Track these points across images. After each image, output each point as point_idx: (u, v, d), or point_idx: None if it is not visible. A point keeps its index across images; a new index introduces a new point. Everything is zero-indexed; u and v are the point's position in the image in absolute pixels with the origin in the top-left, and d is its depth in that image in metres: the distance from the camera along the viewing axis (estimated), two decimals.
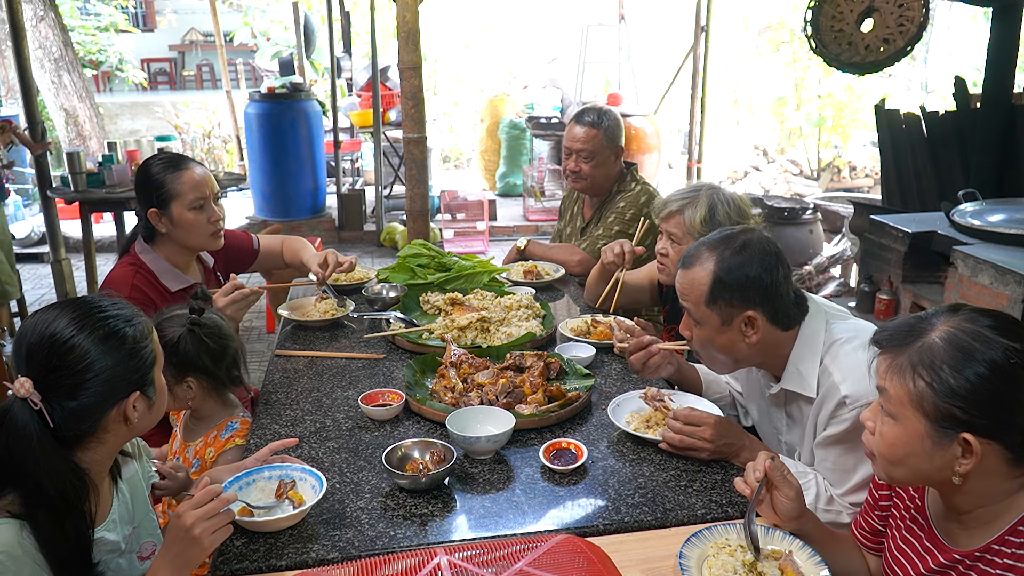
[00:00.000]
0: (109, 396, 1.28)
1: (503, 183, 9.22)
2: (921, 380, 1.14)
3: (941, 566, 1.25)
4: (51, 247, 5.20)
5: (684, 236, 2.19)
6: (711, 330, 1.70)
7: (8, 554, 1.18)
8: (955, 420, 1.12)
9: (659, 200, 2.31)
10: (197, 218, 2.22)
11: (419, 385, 2.05)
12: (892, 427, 1.19)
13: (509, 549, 1.22)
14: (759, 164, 11.00)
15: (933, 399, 1.13)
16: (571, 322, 2.46)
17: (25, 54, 4.82)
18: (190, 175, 2.21)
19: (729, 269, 1.64)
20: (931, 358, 1.14)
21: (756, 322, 1.66)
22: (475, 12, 12.75)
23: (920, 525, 1.32)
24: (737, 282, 1.64)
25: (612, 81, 10.33)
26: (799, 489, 1.38)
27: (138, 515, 1.49)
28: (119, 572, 1.41)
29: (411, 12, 4.30)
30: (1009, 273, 3.12)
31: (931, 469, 1.17)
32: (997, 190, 4.08)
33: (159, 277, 2.25)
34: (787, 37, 10.78)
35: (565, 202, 3.38)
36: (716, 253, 1.67)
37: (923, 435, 1.15)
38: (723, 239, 1.70)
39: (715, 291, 1.66)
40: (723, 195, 2.21)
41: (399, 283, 2.82)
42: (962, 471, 1.14)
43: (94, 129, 8.82)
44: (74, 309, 1.30)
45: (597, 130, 2.93)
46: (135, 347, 1.31)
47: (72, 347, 1.25)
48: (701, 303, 1.68)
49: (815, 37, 4.62)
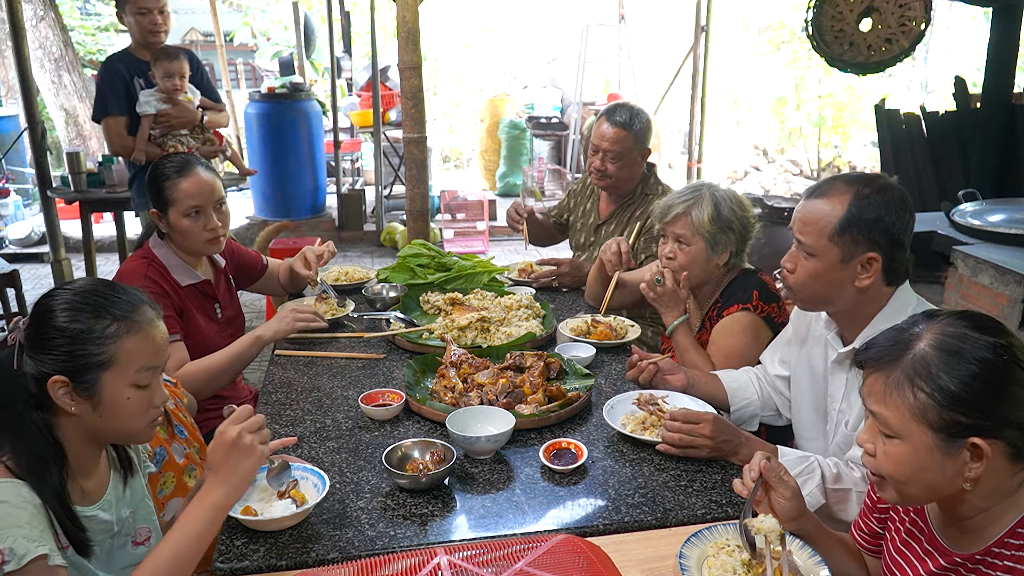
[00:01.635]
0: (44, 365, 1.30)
1: (503, 183, 9.22)
2: (922, 392, 1.13)
3: (942, 569, 1.24)
4: (51, 247, 5.19)
5: (693, 236, 2.19)
6: (826, 265, 1.68)
7: (8, 502, 1.23)
8: (961, 426, 1.11)
9: (660, 204, 2.31)
10: (191, 225, 2.22)
11: (419, 385, 2.05)
12: (897, 446, 1.17)
13: (509, 549, 1.22)
14: (759, 164, 11.00)
15: (937, 409, 1.12)
16: (571, 322, 2.46)
17: (25, 54, 4.82)
18: (189, 183, 2.21)
19: (866, 207, 1.63)
20: (926, 368, 1.13)
21: (874, 265, 1.65)
22: (475, 12, 12.74)
23: (920, 528, 1.32)
24: (869, 221, 1.63)
25: (612, 81, 10.33)
26: (796, 489, 1.38)
27: (134, 500, 1.50)
28: (110, 553, 1.42)
29: (411, 12, 4.31)
30: (1009, 273, 3.12)
31: (943, 481, 1.15)
32: (997, 190, 4.08)
33: (170, 271, 2.28)
34: (787, 37, 10.78)
35: (577, 195, 3.28)
36: (854, 188, 1.66)
37: (931, 447, 1.13)
38: (862, 177, 1.70)
39: (845, 224, 1.64)
40: (721, 191, 2.23)
41: (399, 283, 2.82)
42: (973, 476, 1.13)
43: (94, 129, 8.81)
44: (92, 282, 1.38)
45: (627, 132, 2.85)
46: (82, 335, 1.31)
47: (52, 306, 1.33)
48: (824, 235, 1.66)
49: (816, 37, 4.62)
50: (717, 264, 2.22)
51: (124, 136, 3.60)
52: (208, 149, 3.67)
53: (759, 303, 2.16)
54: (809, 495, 1.64)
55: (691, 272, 2.22)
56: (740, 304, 2.17)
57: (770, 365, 2.09)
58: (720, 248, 2.20)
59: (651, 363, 1.99)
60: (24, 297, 4.66)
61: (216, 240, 2.29)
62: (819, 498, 1.65)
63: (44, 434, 1.31)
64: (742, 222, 2.21)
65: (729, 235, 2.19)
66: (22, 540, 1.18)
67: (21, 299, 4.64)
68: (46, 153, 5.05)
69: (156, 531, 1.53)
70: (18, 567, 1.17)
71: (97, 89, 3.70)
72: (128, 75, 3.57)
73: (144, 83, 3.57)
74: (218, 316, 2.40)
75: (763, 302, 2.17)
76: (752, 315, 2.16)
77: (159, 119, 3.54)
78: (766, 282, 2.22)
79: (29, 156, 7.54)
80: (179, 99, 3.56)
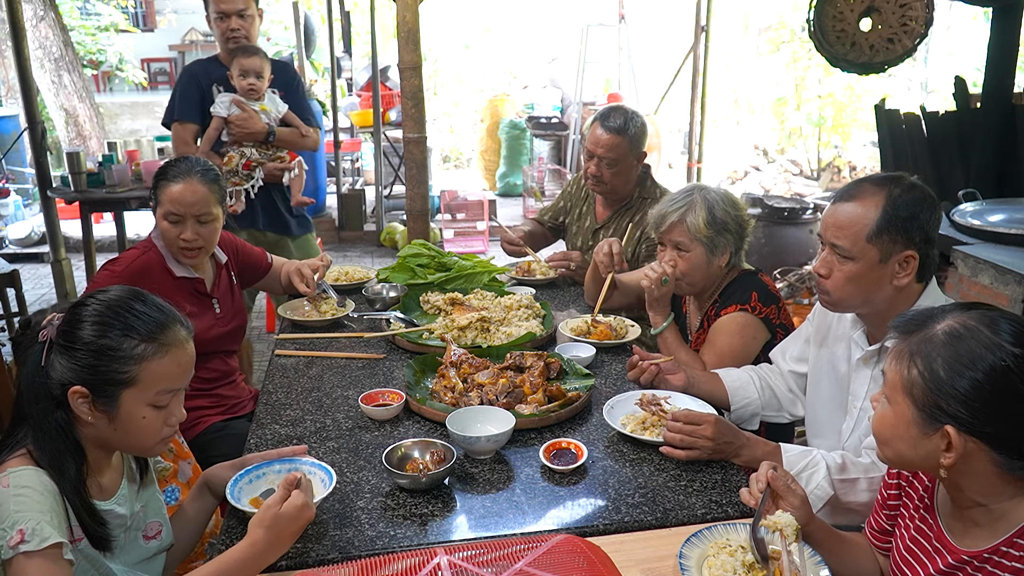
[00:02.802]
0: (68, 372, 1.32)
1: (503, 183, 9.22)
2: (915, 368, 1.17)
3: (950, 567, 1.24)
4: (51, 247, 5.20)
5: (691, 242, 2.19)
6: (864, 266, 1.68)
7: (32, 487, 1.25)
8: (940, 411, 1.14)
9: (653, 213, 2.29)
10: (169, 229, 2.23)
11: (419, 385, 2.05)
12: (884, 407, 1.24)
13: (509, 549, 1.22)
14: (759, 164, 10.99)
15: (923, 388, 1.16)
16: (571, 322, 2.46)
17: (25, 54, 4.82)
18: (176, 190, 2.20)
19: (900, 206, 1.64)
20: (928, 349, 1.16)
21: (912, 263, 1.67)
22: (475, 12, 12.74)
23: (929, 525, 1.32)
24: (906, 220, 1.64)
25: (612, 81, 10.33)
26: (804, 496, 1.38)
27: (146, 494, 1.52)
28: (124, 547, 1.44)
29: (411, 12, 4.30)
30: (1009, 273, 3.12)
31: (915, 456, 1.20)
32: (997, 190, 4.08)
33: (167, 260, 2.30)
34: (787, 37, 10.76)
35: (571, 197, 3.26)
36: (886, 189, 1.67)
37: (910, 421, 1.18)
38: (888, 178, 1.71)
39: (882, 225, 1.65)
40: (712, 193, 2.22)
41: (399, 283, 2.82)
42: (946, 464, 1.16)
43: (94, 129, 8.81)
44: (126, 294, 1.39)
45: (622, 137, 2.82)
46: (108, 351, 1.32)
47: (83, 316, 1.34)
48: (862, 237, 1.67)
49: (819, 37, 4.62)
50: (719, 266, 2.22)
51: (189, 144, 3.34)
52: (272, 165, 3.31)
53: (758, 304, 2.16)
54: (817, 487, 1.64)
55: (694, 277, 2.22)
56: (738, 305, 2.17)
57: (782, 361, 2.09)
58: (720, 250, 2.20)
59: (652, 363, 1.99)
60: (24, 297, 4.66)
61: (190, 252, 2.27)
62: (827, 490, 1.65)
63: (64, 433, 1.33)
64: (737, 221, 2.21)
65: (727, 236, 2.19)
66: (45, 524, 1.21)
67: (21, 299, 4.64)
68: (46, 153, 5.06)
69: (166, 525, 1.54)
70: (37, 548, 1.18)
71: (171, 94, 3.46)
72: (208, 81, 3.32)
73: (224, 89, 3.31)
74: (216, 312, 2.40)
75: (762, 304, 2.17)
76: (750, 316, 2.16)
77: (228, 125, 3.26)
78: (766, 283, 2.22)
79: (29, 156, 7.54)
80: (250, 105, 3.25)
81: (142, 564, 1.48)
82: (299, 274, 2.61)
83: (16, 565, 1.18)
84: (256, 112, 3.25)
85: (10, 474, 1.26)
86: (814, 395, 1.99)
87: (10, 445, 1.33)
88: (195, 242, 2.24)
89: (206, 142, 3.31)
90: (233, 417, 2.39)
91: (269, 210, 3.41)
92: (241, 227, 3.31)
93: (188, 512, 1.63)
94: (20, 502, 1.22)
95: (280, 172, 3.33)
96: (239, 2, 3.25)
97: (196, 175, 2.24)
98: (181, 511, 1.63)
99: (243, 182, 3.28)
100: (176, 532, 1.56)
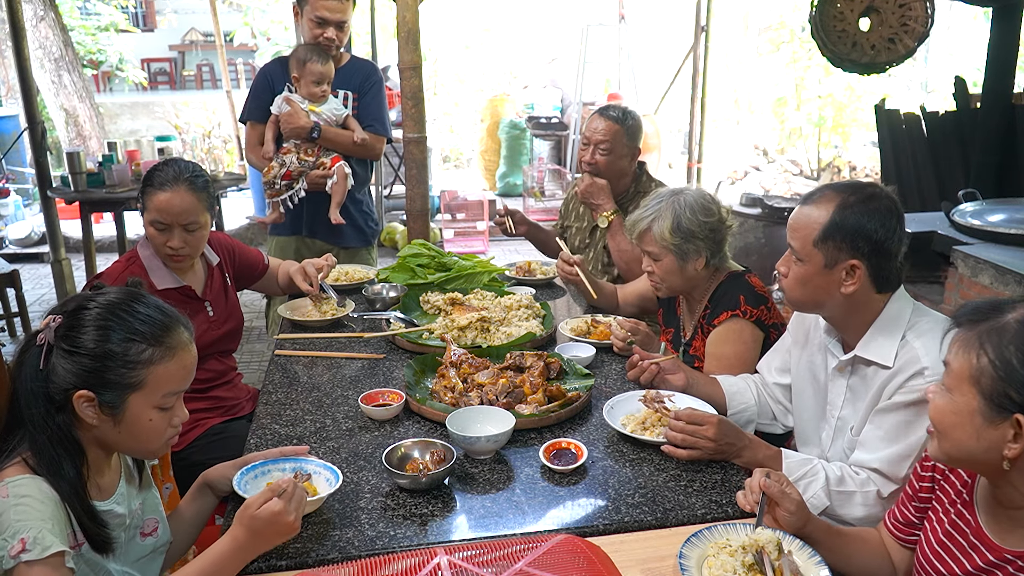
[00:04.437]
0: (71, 376, 1.31)
1: (503, 183, 9.22)
2: (985, 356, 1.16)
3: (990, 564, 1.23)
4: (51, 247, 5.19)
5: (661, 251, 2.19)
6: (812, 270, 1.70)
7: (32, 496, 1.25)
8: (1009, 400, 1.13)
9: (629, 221, 2.30)
10: (155, 235, 2.22)
11: (419, 385, 2.05)
12: (945, 397, 1.21)
13: (509, 549, 1.22)
14: (759, 164, 10.99)
15: (992, 376, 1.14)
16: (571, 322, 2.46)
17: (25, 54, 4.81)
18: (163, 197, 2.18)
19: (848, 215, 1.65)
20: (999, 337, 1.15)
21: (858, 273, 1.66)
22: (475, 12, 12.74)
23: (966, 520, 1.30)
24: (851, 229, 1.65)
25: (612, 81, 10.33)
26: (800, 501, 1.38)
27: (143, 491, 1.52)
28: (124, 546, 1.44)
29: (411, 12, 4.30)
30: (1009, 273, 3.12)
31: (977, 447, 1.18)
32: (997, 190, 4.08)
33: (149, 273, 2.26)
34: (787, 37, 10.76)
35: (571, 200, 3.29)
36: (840, 197, 1.68)
37: (975, 411, 1.17)
38: (851, 185, 1.71)
39: (827, 232, 1.66)
40: (683, 200, 2.19)
41: (399, 283, 2.82)
42: (1011, 455, 1.14)
43: (94, 129, 8.81)
44: (123, 293, 1.39)
45: (619, 126, 2.90)
46: (114, 356, 1.31)
47: (85, 320, 1.32)
48: (809, 241, 1.69)
49: (820, 36, 4.62)
50: (696, 269, 2.21)
51: (254, 145, 3.28)
52: (315, 174, 3.16)
53: (747, 307, 2.15)
54: (814, 497, 1.64)
55: (672, 281, 2.24)
56: (729, 311, 2.16)
57: (767, 373, 2.09)
58: (691, 256, 2.18)
59: (652, 363, 1.99)
60: (24, 297, 4.67)
61: (176, 258, 2.26)
62: (823, 500, 1.65)
63: (65, 436, 1.32)
64: (706, 227, 2.17)
65: (696, 243, 2.17)
66: (46, 533, 1.20)
67: (21, 299, 4.65)
68: (46, 153, 5.05)
69: (163, 521, 1.54)
70: (39, 557, 1.18)
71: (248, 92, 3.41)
72: (282, 82, 3.23)
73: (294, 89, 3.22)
74: (209, 314, 2.38)
75: (750, 306, 2.16)
76: (742, 320, 2.16)
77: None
78: (752, 284, 2.21)
79: (29, 156, 7.54)
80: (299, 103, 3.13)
81: (141, 563, 1.48)
82: (302, 273, 2.59)
83: (18, 574, 1.18)
84: (303, 109, 3.15)
85: (8, 484, 1.25)
86: (799, 402, 2.00)
87: (6, 452, 1.31)
88: (182, 249, 2.23)
89: (268, 142, 3.23)
90: (232, 419, 2.38)
91: (317, 218, 3.28)
92: (289, 234, 3.32)
93: (185, 513, 1.63)
94: (21, 511, 1.22)
95: (323, 180, 3.20)
96: (344, 13, 3.16)
97: (184, 183, 2.19)
98: (178, 511, 1.63)
99: (282, 192, 3.19)
100: (172, 531, 1.57)
